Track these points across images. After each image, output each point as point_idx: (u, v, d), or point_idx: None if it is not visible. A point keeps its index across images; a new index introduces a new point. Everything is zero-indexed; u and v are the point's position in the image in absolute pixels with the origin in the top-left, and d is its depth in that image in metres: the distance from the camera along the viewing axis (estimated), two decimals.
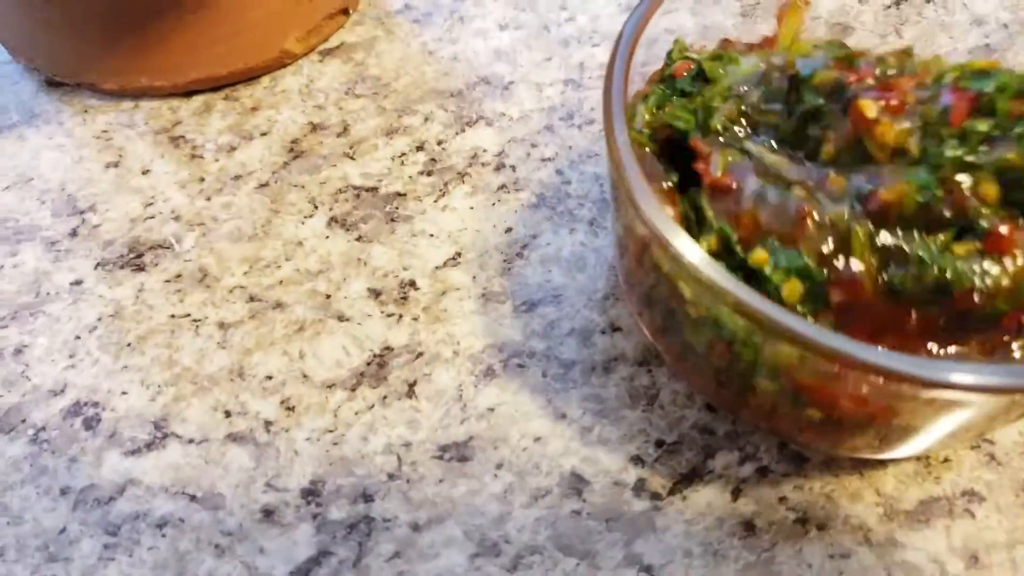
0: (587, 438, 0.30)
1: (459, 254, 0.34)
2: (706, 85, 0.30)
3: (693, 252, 0.23)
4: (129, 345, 0.33)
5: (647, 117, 0.29)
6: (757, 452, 0.30)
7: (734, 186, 0.25)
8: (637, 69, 0.31)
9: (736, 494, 0.29)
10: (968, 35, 0.37)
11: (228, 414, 0.31)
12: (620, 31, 0.29)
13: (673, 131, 0.29)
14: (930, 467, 0.29)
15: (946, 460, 0.29)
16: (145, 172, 0.37)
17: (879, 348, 0.22)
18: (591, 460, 0.30)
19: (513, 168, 0.36)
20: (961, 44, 0.36)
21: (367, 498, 0.29)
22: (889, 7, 0.37)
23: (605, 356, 0.32)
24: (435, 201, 0.36)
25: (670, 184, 0.28)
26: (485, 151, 0.37)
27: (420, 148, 0.37)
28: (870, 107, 0.25)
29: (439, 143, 0.37)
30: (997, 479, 0.29)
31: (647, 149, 0.29)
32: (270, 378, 0.32)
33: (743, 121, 0.27)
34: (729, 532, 0.28)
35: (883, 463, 0.29)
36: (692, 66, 0.31)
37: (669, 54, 0.32)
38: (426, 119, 0.38)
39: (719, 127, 0.26)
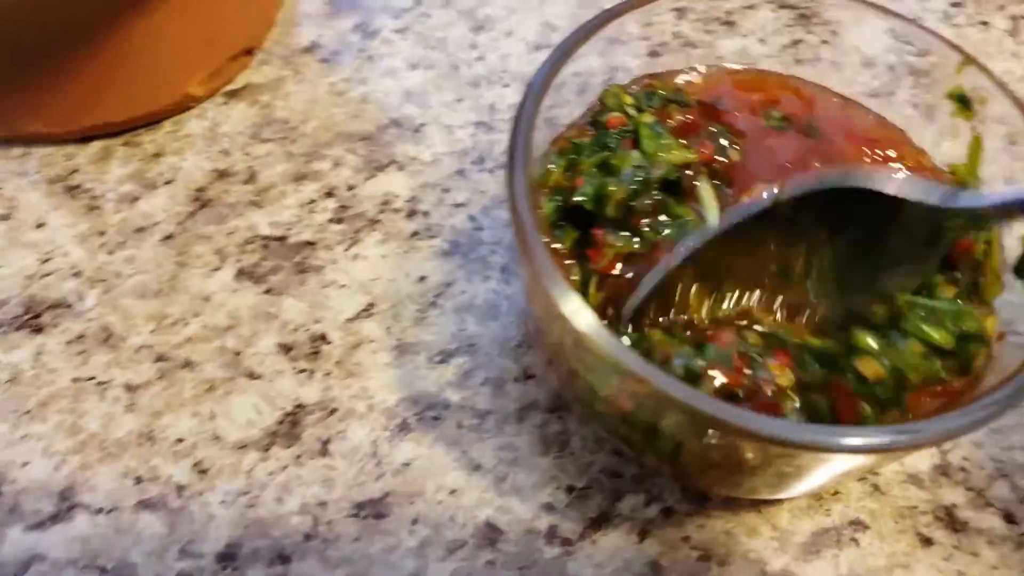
0: (501, 488, 0.31)
1: (372, 305, 0.34)
2: (633, 149, 0.31)
3: (584, 318, 0.24)
4: (29, 412, 0.32)
5: (557, 179, 0.30)
6: (662, 493, 0.31)
7: (616, 273, 0.26)
8: (543, 115, 0.32)
9: (643, 535, 0.30)
10: (859, 75, 0.39)
11: (139, 480, 0.31)
12: (522, 99, 0.29)
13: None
14: (822, 500, 0.31)
15: (836, 492, 0.31)
16: (40, 225, 0.36)
17: (760, 416, 0.23)
18: (505, 509, 0.30)
19: (425, 214, 0.36)
20: (853, 87, 0.38)
21: (284, 560, 0.29)
22: (787, 47, 0.38)
23: (519, 404, 0.32)
24: (346, 250, 0.35)
25: (567, 246, 0.29)
26: (397, 196, 0.37)
27: (330, 194, 0.37)
28: None
29: (349, 189, 0.37)
30: (879, 507, 0.31)
31: (551, 208, 0.30)
32: (181, 440, 0.31)
33: (644, 208, 0.28)
34: (636, 574, 0.29)
35: (779, 499, 0.31)
36: (627, 123, 0.31)
37: (603, 98, 0.33)
38: (336, 164, 0.38)
39: (617, 214, 0.28)
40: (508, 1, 0.43)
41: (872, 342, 0.26)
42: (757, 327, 0.28)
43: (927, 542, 0.31)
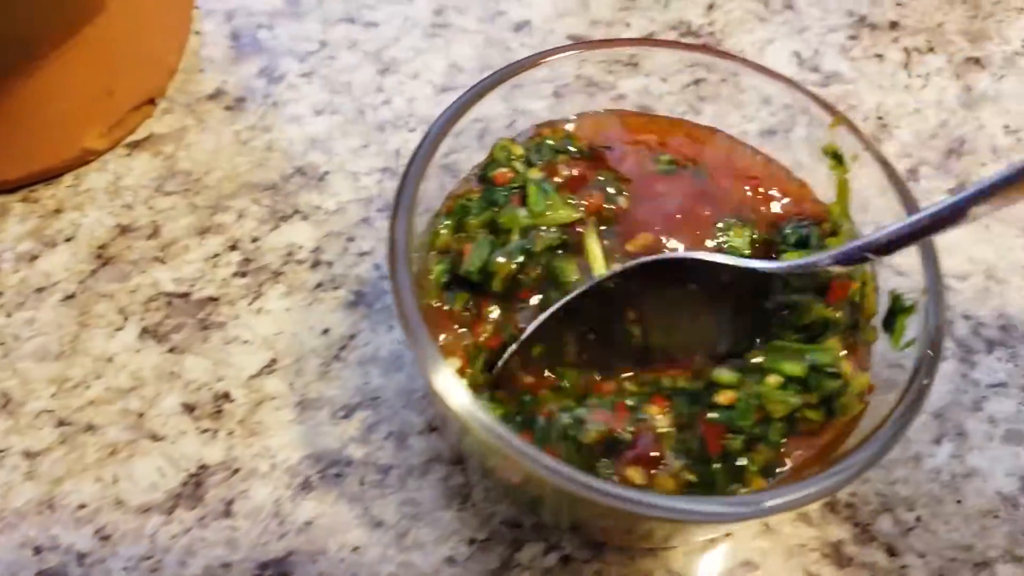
0: (403, 543, 0.31)
1: (275, 360, 0.34)
2: (520, 207, 0.31)
3: (457, 396, 0.25)
4: None
5: (447, 240, 0.30)
6: (560, 542, 0.32)
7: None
8: (440, 163, 0.32)
9: None
10: (759, 112, 0.40)
11: (38, 550, 0.31)
12: (410, 157, 0.29)
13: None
14: (715, 541, 0.32)
15: (728, 534, 0.32)
16: None
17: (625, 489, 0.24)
18: (407, 565, 0.31)
19: (330, 264, 0.37)
20: (750, 125, 0.39)
21: None
22: (688, 85, 0.39)
23: (422, 458, 0.33)
24: (249, 304, 0.35)
25: (459, 308, 0.30)
26: (301, 247, 0.37)
27: (234, 247, 0.37)
28: None
29: (253, 241, 0.37)
30: (770, 546, 0.32)
31: (440, 271, 0.30)
32: (83, 506, 0.31)
33: (530, 280, 0.29)
34: None
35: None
36: (515, 179, 0.32)
37: (493, 152, 0.33)
38: (240, 215, 0.37)
39: (503, 288, 0.28)
40: (414, 42, 0.43)
41: (730, 375, 0.28)
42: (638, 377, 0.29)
43: None
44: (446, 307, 0.29)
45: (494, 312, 0.28)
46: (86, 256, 0.36)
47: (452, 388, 0.24)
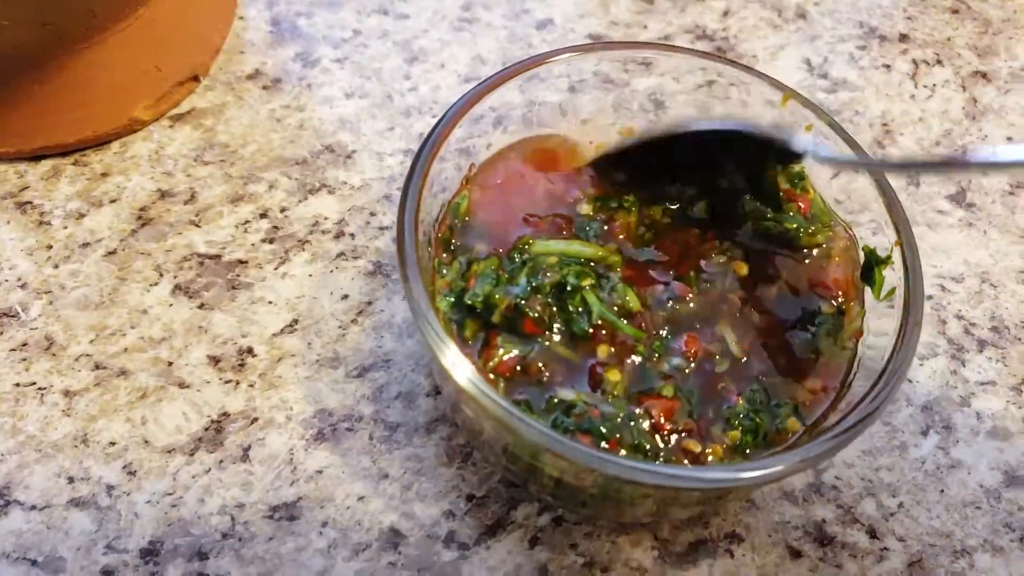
0: (406, 496, 0.33)
1: (296, 321, 0.37)
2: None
3: (460, 368, 0.27)
4: None
5: (453, 280, 0.32)
6: (554, 503, 0.33)
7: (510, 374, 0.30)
8: (457, 147, 0.34)
9: (533, 543, 0.33)
10: (767, 113, 0.41)
11: (71, 480, 0.33)
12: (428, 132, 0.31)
13: None
14: (703, 514, 0.34)
15: (717, 512, 0.34)
16: None
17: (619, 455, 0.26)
18: (408, 515, 0.33)
19: (352, 236, 0.39)
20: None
21: (202, 556, 0.32)
22: (701, 86, 0.41)
23: (428, 418, 0.35)
24: (275, 268, 0.38)
25: (470, 336, 0.31)
26: (326, 219, 0.39)
27: (264, 215, 0.39)
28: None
29: (282, 210, 0.39)
30: (755, 522, 0.34)
31: (447, 305, 0.31)
32: (113, 444, 0.34)
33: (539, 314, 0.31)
34: None
35: None
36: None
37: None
38: (271, 186, 0.40)
39: (502, 320, 0.30)
40: (442, 34, 0.45)
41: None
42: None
43: (796, 554, 0.33)
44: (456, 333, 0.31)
45: (500, 341, 0.30)
46: (128, 217, 0.39)
47: (458, 362, 0.26)
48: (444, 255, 0.32)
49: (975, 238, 0.41)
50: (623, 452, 0.28)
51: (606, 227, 0.34)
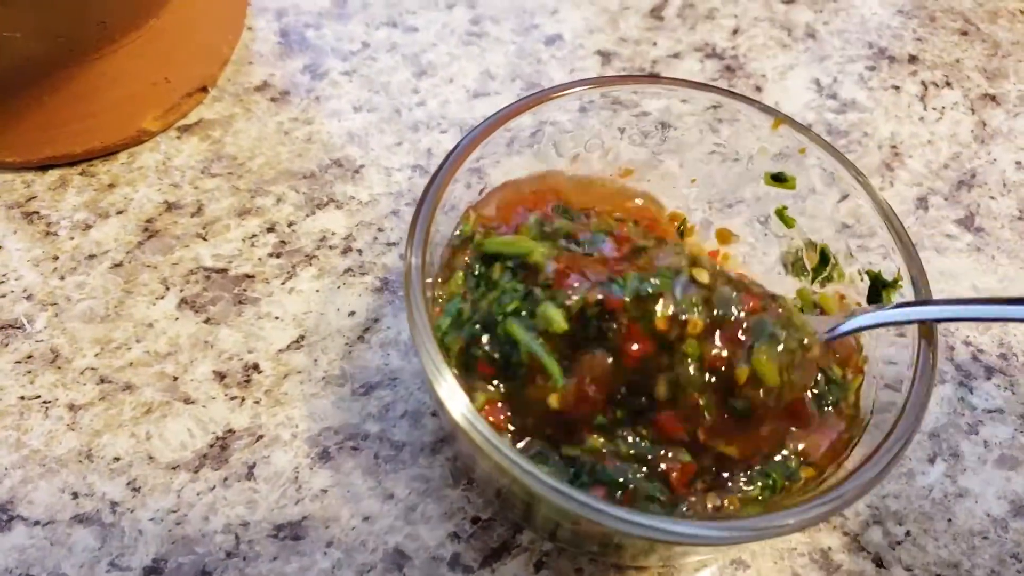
0: (411, 516, 0.33)
1: (302, 337, 0.37)
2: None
3: (459, 405, 0.26)
4: None
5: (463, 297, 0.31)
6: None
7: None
8: (468, 167, 0.34)
9: (538, 567, 0.32)
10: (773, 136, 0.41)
11: (75, 495, 0.33)
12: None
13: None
14: None
15: None
16: None
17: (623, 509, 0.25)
18: (413, 536, 0.33)
19: (360, 252, 0.39)
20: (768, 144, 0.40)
21: (206, 575, 0.32)
22: (708, 108, 0.41)
23: (434, 437, 0.35)
24: (282, 283, 0.38)
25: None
26: (333, 234, 0.39)
27: (271, 229, 0.39)
28: None
29: (289, 224, 0.39)
30: (761, 548, 0.33)
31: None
32: (118, 459, 0.34)
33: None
34: None
35: None
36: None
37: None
38: (278, 200, 0.40)
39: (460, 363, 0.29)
40: (451, 48, 0.45)
41: None
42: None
43: None
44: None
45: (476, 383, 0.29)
46: (134, 228, 0.39)
47: (454, 395, 0.26)
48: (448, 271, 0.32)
49: (983, 263, 0.41)
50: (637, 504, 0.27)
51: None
